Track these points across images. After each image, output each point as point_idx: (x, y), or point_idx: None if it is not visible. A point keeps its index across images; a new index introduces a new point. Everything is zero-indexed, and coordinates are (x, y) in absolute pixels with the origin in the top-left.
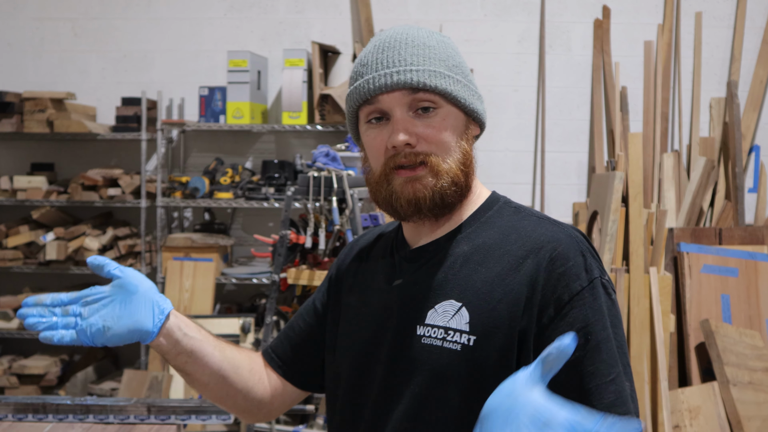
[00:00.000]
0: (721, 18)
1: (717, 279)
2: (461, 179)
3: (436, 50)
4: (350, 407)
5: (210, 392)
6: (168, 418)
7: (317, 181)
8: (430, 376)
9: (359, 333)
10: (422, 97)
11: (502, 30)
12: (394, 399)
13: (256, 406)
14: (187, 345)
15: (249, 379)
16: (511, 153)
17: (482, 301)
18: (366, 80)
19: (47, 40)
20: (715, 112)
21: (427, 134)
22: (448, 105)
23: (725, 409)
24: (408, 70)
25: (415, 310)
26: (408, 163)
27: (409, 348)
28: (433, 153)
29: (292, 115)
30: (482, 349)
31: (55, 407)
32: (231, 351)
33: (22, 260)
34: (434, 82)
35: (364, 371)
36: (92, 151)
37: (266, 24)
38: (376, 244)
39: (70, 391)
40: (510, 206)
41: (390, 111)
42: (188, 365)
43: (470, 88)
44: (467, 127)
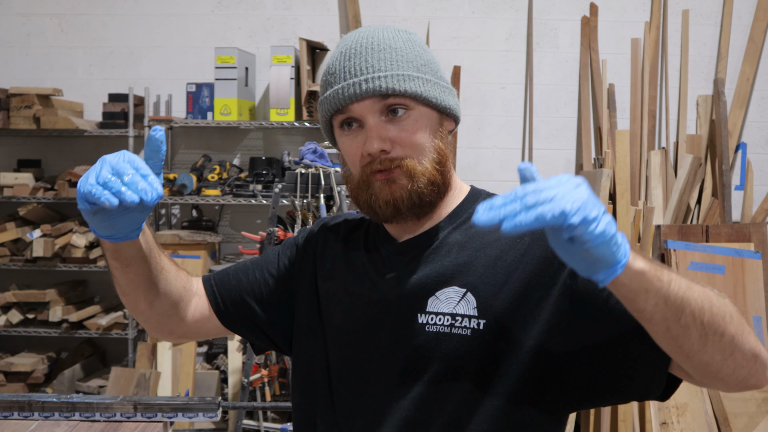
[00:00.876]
0: (707, 16)
1: (704, 276)
2: (438, 178)
3: (403, 52)
4: (351, 399)
5: (126, 299)
6: (154, 416)
7: (305, 177)
8: (439, 363)
9: (353, 326)
10: (392, 102)
11: (490, 27)
12: (402, 388)
13: (173, 317)
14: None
15: (178, 303)
16: (499, 150)
17: (487, 285)
18: (335, 90)
19: (34, 35)
20: (702, 110)
21: (400, 138)
22: (419, 106)
23: (712, 406)
24: (376, 77)
25: (414, 299)
26: (384, 169)
27: (413, 337)
28: (407, 156)
29: (279, 111)
30: (493, 332)
31: (40, 405)
32: (172, 268)
33: (9, 257)
34: (403, 87)
35: (363, 364)
36: (79, 148)
37: (254, 20)
38: (352, 235)
39: (58, 389)
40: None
41: (362, 118)
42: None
43: (440, 85)
44: (441, 125)
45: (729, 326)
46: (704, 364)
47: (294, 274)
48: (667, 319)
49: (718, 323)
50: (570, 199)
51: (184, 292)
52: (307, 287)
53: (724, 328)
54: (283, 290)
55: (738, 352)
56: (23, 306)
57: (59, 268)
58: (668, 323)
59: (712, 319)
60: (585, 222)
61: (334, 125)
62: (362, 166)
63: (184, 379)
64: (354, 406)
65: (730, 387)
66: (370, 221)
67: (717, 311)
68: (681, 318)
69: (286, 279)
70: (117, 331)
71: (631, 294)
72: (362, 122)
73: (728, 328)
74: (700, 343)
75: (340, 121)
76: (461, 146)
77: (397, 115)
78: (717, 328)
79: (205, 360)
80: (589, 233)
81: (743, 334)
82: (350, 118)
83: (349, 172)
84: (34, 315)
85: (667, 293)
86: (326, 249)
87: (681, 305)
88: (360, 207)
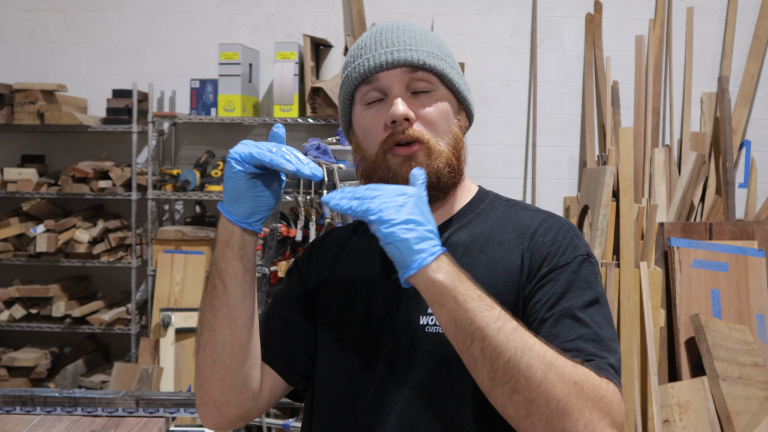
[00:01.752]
0: (712, 13)
1: (707, 274)
2: (454, 162)
3: (431, 37)
4: (350, 400)
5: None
6: (156, 411)
7: None
8: (438, 364)
9: (354, 328)
10: (420, 77)
11: (494, 24)
12: (399, 389)
13: (250, 388)
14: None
15: (258, 354)
16: (503, 147)
17: (486, 287)
18: (365, 59)
19: (38, 31)
20: (706, 107)
21: (422, 113)
22: (443, 88)
23: (715, 404)
24: (408, 49)
25: (417, 300)
26: (406, 140)
27: (413, 338)
28: (428, 132)
29: (283, 108)
30: None
31: (43, 400)
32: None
33: (12, 252)
34: (433, 62)
35: (363, 366)
36: (83, 144)
37: (258, 17)
38: (353, 235)
39: (60, 384)
40: (501, 199)
41: (389, 89)
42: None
43: (462, 77)
44: (459, 114)
45: (530, 390)
46: (498, 409)
47: (306, 291)
48: (456, 341)
49: (513, 377)
50: (380, 202)
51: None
52: (316, 301)
53: (522, 387)
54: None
55: (538, 422)
56: (26, 301)
57: (62, 263)
58: (458, 345)
59: (507, 370)
60: (379, 221)
61: (356, 100)
62: (381, 141)
63: (187, 375)
64: (353, 407)
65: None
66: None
67: (523, 368)
68: (469, 348)
69: (306, 304)
70: (120, 326)
71: (429, 301)
72: (388, 94)
73: (526, 391)
74: (488, 383)
75: (364, 94)
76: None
77: (425, 93)
78: (509, 381)
79: None
80: (378, 231)
81: (560, 413)
82: (376, 89)
83: (363, 154)
84: (38, 310)
85: (460, 318)
86: (325, 259)
87: (472, 335)
88: None
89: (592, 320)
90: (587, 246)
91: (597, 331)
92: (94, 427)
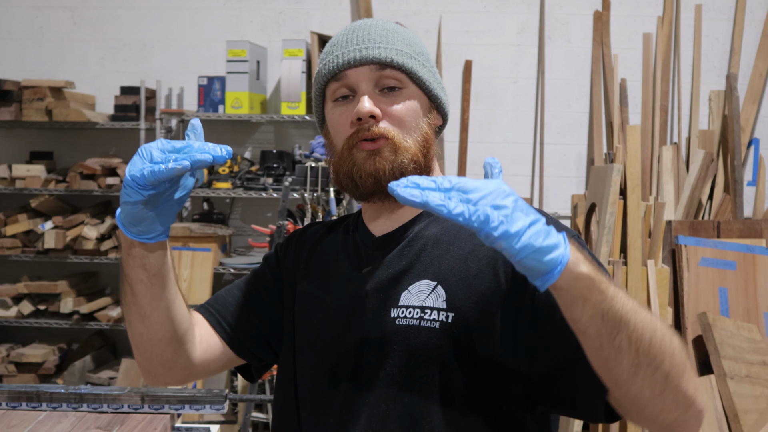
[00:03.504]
0: (721, 10)
1: (715, 272)
2: (420, 159)
3: (404, 35)
4: (320, 394)
5: (144, 327)
6: (162, 408)
7: (315, 171)
8: (407, 356)
9: (325, 322)
10: (389, 74)
11: (502, 21)
12: (370, 383)
13: (180, 363)
14: (158, 265)
15: (187, 330)
16: (510, 145)
17: (457, 278)
18: (335, 56)
19: (46, 28)
20: (714, 105)
21: (390, 110)
22: (412, 86)
23: (722, 402)
24: (377, 46)
25: (388, 293)
26: (371, 137)
27: (384, 331)
28: (394, 129)
29: (291, 105)
30: (461, 325)
31: (49, 396)
32: (182, 294)
33: (21, 248)
34: (401, 60)
35: (333, 360)
36: (91, 140)
37: (265, 14)
38: (328, 234)
39: (68, 380)
40: None
41: (357, 86)
42: (143, 285)
43: (435, 76)
44: (430, 112)
45: (665, 363)
46: (631, 397)
47: (282, 278)
48: (601, 336)
49: (654, 356)
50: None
51: (189, 318)
52: (289, 291)
53: (660, 363)
54: (275, 298)
55: (669, 393)
56: (35, 297)
57: (70, 259)
58: (602, 340)
59: (650, 350)
60: (505, 236)
61: (327, 97)
62: (347, 136)
63: None
64: (324, 401)
65: (654, 429)
66: (347, 219)
67: (658, 344)
68: (616, 338)
69: (276, 287)
70: None
71: (569, 300)
72: (356, 91)
73: (664, 365)
74: (630, 371)
75: (333, 91)
76: (472, 140)
77: (393, 91)
78: (652, 361)
79: None
80: (508, 248)
81: (681, 377)
82: (345, 86)
83: (332, 149)
84: (46, 306)
85: (607, 308)
86: (303, 249)
87: (618, 324)
88: (339, 181)
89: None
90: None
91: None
92: (100, 423)
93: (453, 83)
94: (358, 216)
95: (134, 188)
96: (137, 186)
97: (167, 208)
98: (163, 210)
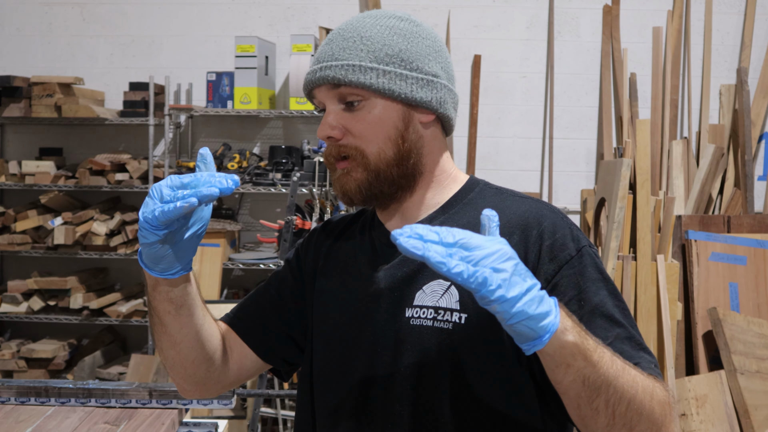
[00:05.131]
0: (731, 4)
1: (725, 267)
2: (392, 171)
3: (372, 41)
4: (336, 394)
5: (175, 352)
6: (169, 403)
7: (323, 166)
8: (420, 357)
9: (340, 321)
10: (346, 92)
11: (511, 16)
12: (384, 382)
13: (213, 379)
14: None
15: (218, 347)
16: (519, 139)
17: None
18: (306, 74)
19: (55, 24)
20: (724, 99)
21: (352, 127)
22: (375, 97)
23: (732, 398)
24: (328, 66)
25: (403, 292)
26: (335, 156)
27: (398, 331)
28: (357, 146)
29: (299, 100)
30: (474, 327)
31: (57, 391)
32: (210, 314)
33: (31, 244)
34: (350, 77)
35: (347, 359)
36: (100, 136)
37: (274, 9)
38: (347, 229)
39: (78, 375)
40: (491, 188)
41: (324, 103)
42: (170, 316)
43: (411, 77)
44: (408, 118)
45: (642, 424)
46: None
47: (302, 279)
48: (580, 398)
49: (630, 417)
50: (495, 277)
51: (220, 338)
52: (310, 290)
53: (636, 423)
54: (298, 297)
55: None
56: (45, 293)
57: (80, 255)
58: (580, 402)
59: (626, 413)
60: (501, 301)
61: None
62: (325, 152)
63: None
64: (338, 399)
65: None
66: (365, 214)
67: (637, 406)
68: (594, 401)
69: (298, 288)
70: (137, 318)
71: (553, 364)
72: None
73: (640, 425)
74: (605, 429)
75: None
76: (481, 135)
77: (353, 106)
78: (628, 422)
79: None
80: (503, 313)
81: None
82: (318, 103)
83: None
84: (56, 302)
85: (588, 373)
86: (322, 247)
87: (598, 389)
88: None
89: (621, 315)
90: (582, 232)
91: (628, 328)
92: (108, 418)
93: (462, 78)
94: (374, 213)
95: (149, 230)
96: (151, 227)
97: (186, 243)
98: (182, 246)
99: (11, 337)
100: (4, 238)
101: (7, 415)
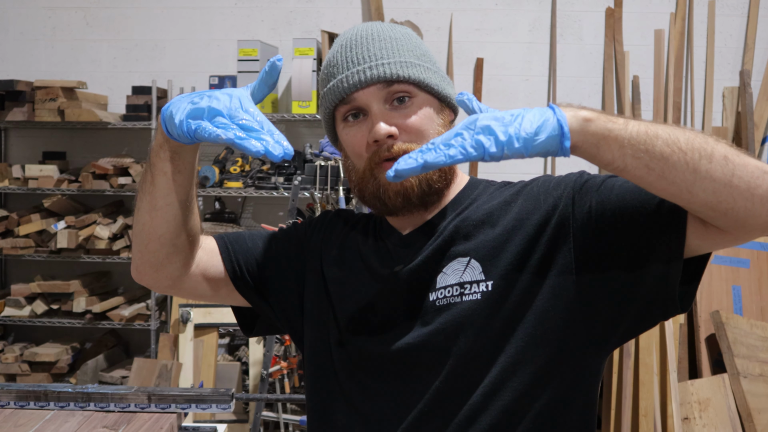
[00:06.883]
0: (734, 6)
1: (728, 270)
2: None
3: (402, 42)
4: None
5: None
6: (168, 407)
7: (324, 170)
8: (454, 332)
9: (366, 314)
10: (397, 89)
11: (513, 19)
12: (422, 365)
13: (169, 269)
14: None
15: (187, 243)
16: None
17: (489, 249)
18: (339, 80)
19: (59, 29)
20: (727, 102)
21: (406, 125)
22: (422, 93)
23: (735, 402)
24: (379, 64)
25: (423, 282)
26: (392, 157)
27: (426, 314)
28: (414, 142)
29: (301, 104)
30: (503, 291)
31: (56, 395)
32: (197, 213)
33: (34, 248)
34: (407, 73)
35: (379, 350)
36: (103, 140)
37: (276, 13)
38: (358, 225)
39: (81, 379)
40: (495, 182)
41: (367, 107)
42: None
43: (440, 74)
44: (441, 112)
45: (716, 146)
46: (710, 202)
47: (304, 253)
48: (641, 157)
49: (699, 145)
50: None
51: (197, 236)
52: (315, 270)
53: (711, 148)
54: (294, 267)
55: (741, 170)
56: (48, 297)
57: (83, 259)
58: (644, 161)
59: (690, 143)
60: (505, 146)
61: (337, 118)
62: (369, 156)
63: (206, 371)
64: (374, 390)
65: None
66: (366, 224)
67: (691, 135)
68: (655, 148)
69: (298, 256)
70: (140, 322)
71: (593, 149)
72: (367, 111)
73: (716, 148)
74: (689, 170)
75: (343, 113)
76: None
77: (403, 102)
78: (702, 150)
79: (227, 351)
80: (516, 152)
81: (738, 155)
82: (354, 108)
83: (352, 166)
84: (59, 306)
85: (627, 133)
86: (332, 234)
87: (647, 138)
88: (365, 200)
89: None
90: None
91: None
92: (107, 422)
93: (464, 81)
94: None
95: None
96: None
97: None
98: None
99: (14, 341)
100: (8, 242)
101: (6, 419)
